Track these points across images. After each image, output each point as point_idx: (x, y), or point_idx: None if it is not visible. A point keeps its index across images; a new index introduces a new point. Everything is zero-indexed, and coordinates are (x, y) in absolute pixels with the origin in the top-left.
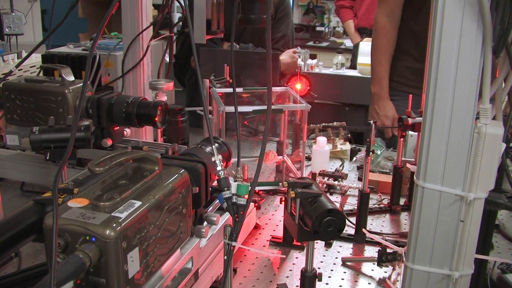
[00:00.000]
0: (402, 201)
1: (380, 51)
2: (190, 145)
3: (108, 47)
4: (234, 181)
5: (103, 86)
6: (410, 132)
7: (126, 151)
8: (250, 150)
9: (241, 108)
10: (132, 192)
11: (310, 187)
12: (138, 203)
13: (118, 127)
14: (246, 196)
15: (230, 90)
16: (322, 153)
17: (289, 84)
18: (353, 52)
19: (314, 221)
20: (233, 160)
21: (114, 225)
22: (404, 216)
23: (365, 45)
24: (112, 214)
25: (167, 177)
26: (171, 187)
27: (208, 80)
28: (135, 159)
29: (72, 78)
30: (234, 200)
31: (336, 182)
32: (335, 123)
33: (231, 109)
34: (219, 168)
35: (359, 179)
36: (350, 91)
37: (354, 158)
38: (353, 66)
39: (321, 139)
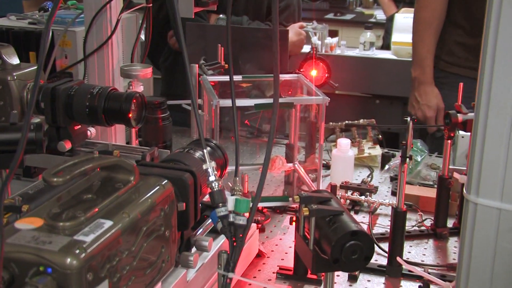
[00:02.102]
0: (450, 223)
1: (423, 26)
2: (174, 149)
3: (64, 21)
4: (232, 195)
5: (58, 72)
6: (461, 132)
7: (92, 156)
8: (251, 155)
9: (240, 102)
10: (100, 209)
11: (328, 203)
12: (108, 223)
13: (79, 126)
14: (247, 215)
15: (226, 78)
16: (345, 159)
17: (301, 70)
18: (386, 27)
19: (334, 246)
20: (230, 168)
21: (77, 251)
22: (453, 243)
23: (402, 18)
24: (75, 237)
25: (146, 190)
26: (151, 202)
27: (197, 65)
28: (103, 167)
29: (16, 60)
30: (231, 220)
31: (362, 198)
32: (361, 121)
33: (227, 102)
34: (212, 178)
35: (393, 193)
36: (382, 78)
37: (387, 166)
38: (386, 46)
39: (343, 142)
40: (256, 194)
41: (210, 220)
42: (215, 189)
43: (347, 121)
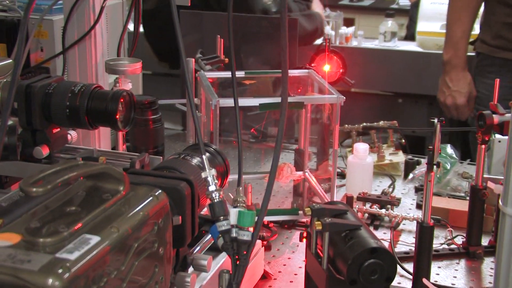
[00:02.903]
0: (485, 241)
1: (461, 3)
2: (166, 156)
3: (40, 8)
4: (234, 207)
5: (33, 67)
6: (497, 136)
7: (76, 163)
8: (255, 162)
9: (243, 101)
10: (85, 223)
11: (344, 217)
12: (95, 239)
13: (58, 129)
14: (251, 229)
15: (226, 74)
16: (362, 167)
17: (313, 65)
18: (411, 14)
19: (351, 265)
20: (232, 177)
21: (60, 271)
22: (488, 263)
23: (429, 4)
24: (57, 255)
25: (137, 202)
26: (143, 215)
27: (193, 59)
28: (89, 176)
29: None
30: (234, 235)
31: (383, 211)
32: (381, 123)
33: (228, 102)
34: (212, 188)
35: (418, 206)
36: (406, 74)
37: (411, 175)
38: (410, 36)
39: (361, 147)
40: (262, 207)
41: (210, 235)
42: (215, 200)
43: (365, 123)
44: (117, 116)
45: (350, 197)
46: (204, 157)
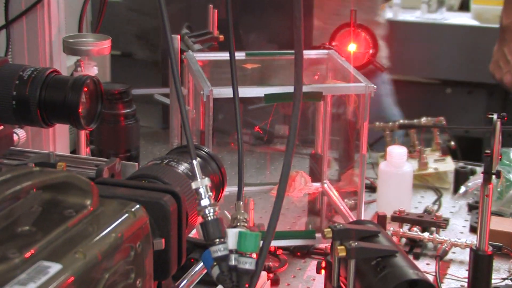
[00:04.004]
0: None
1: None
2: (143, 162)
3: None
4: (233, 228)
5: None
6: None
7: (30, 170)
8: (259, 170)
9: (244, 91)
10: (42, 247)
11: (374, 240)
12: (55, 268)
13: (1, 127)
14: (255, 256)
15: (221, 55)
16: (399, 177)
17: (334, 44)
18: None
19: None
20: (230, 189)
21: None
22: None
23: None
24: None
25: (108, 220)
26: (116, 238)
27: (178, 36)
28: (46, 187)
29: None
30: (233, 263)
31: (426, 235)
32: (424, 120)
33: (224, 92)
34: (204, 202)
35: (473, 229)
36: (457, 55)
37: (463, 189)
38: (463, 7)
39: (397, 152)
40: (268, 228)
41: (201, 264)
42: (209, 218)
43: (401, 120)
44: (80, 110)
45: (383, 217)
46: (195, 162)
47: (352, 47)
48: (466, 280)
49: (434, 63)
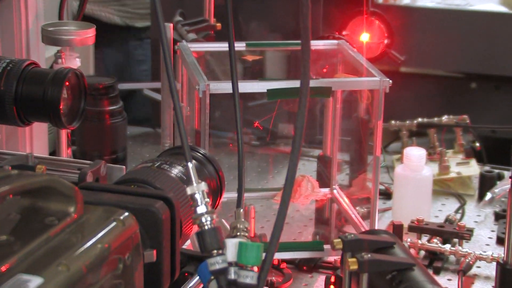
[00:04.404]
0: None
1: None
2: (131, 164)
3: None
4: (232, 238)
5: None
6: None
7: (7, 173)
8: (261, 174)
9: (244, 86)
10: (21, 259)
11: (389, 252)
12: (35, 282)
13: None
14: (257, 269)
15: (218, 46)
16: (417, 182)
17: (345, 33)
18: None
19: None
20: (228, 195)
21: None
22: None
23: None
24: None
25: (94, 229)
26: (102, 249)
27: (170, 24)
28: (25, 192)
29: None
30: (232, 276)
31: (447, 247)
32: (445, 118)
33: (222, 87)
34: (201, 209)
35: (500, 240)
36: (482, 46)
37: (489, 195)
38: None
39: (415, 154)
40: (271, 239)
41: (197, 278)
42: (206, 227)
43: (420, 119)
44: (61, 107)
45: (399, 226)
46: (190, 165)
47: (365, 37)
48: None
49: (457, 55)
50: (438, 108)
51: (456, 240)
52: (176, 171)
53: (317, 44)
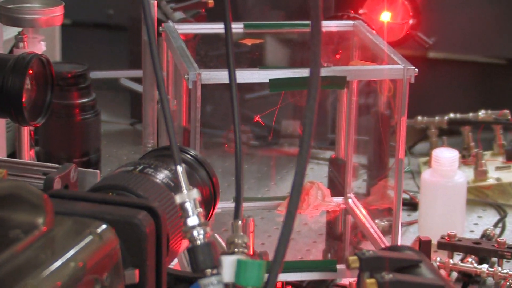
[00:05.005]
0: None
1: None
2: (106, 168)
3: None
4: (230, 255)
5: None
6: None
7: None
8: (262, 181)
9: (242, 75)
10: None
11: (415, 272)
12: None
13: None
14: None
15: (211, 27)
16: (448, 190)
17: (362, 12)
18: None
19: None
20: (224, 205)
21: None
22: None
23: None
24: None
25: (66, 244)
26: (76, 268)
27: (153, 1)
28: None
29: None
30: None
31: (484, 267)
32: (482, 114)
33: (215, 76)
34: (192, 221)
35: None
36: None
37: None
38: None
39: (445, 156)
40: (275, 257)
41: None
42: (198, 242)
43: (452, 114)
44: (23, 100)
45: (427, 242)
46: (179, 169)
47: (385, 17)
48: None
49: (498, 37)
50: (474, 102)
51: (495, 259)
52: (162, 176)
53: (329, 25)
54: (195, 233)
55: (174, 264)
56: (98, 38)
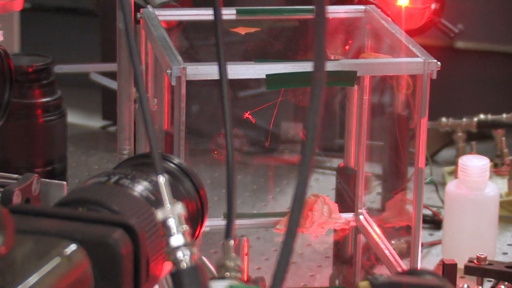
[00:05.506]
0: None
1: None
2: (73, 179)
3: None
4: (220, 279)
5: None
6: None
7: None
8: (258, 193)
9: (235, 70)
10: None
11: None
12: None
13: None
14: None
15: (197, 13)
16: (477, 205)
17: None
18: None
19: None
20: (212, 223)
21: None
22: None
23: None
24: None
25: (29, 268)
26: None
27: None
28: None
29: None
30: None
31: None
32: None
33: (203, 71)
34: (176, 241)
35: None
36: None
37: None
38: None
39: (474, 164)
40: (272, 284)
41: None
42: (184, 265)
43: (483, 115)
44: None
45: (452, 266)
46: (161, 179)
47: (403, 0)
48: None
49: None
50: (509, 100)
51: None
52: (140, 188)
53: (336, 11)
54: (179, 254)
55: None
56: (64, 26)
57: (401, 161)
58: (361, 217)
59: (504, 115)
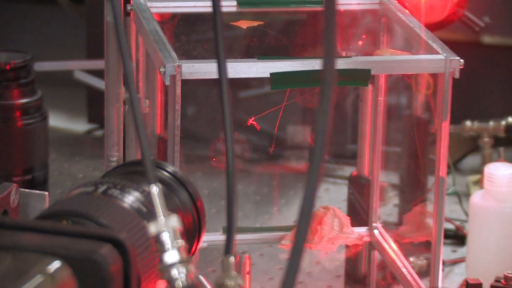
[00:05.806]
0: None
1: None
2: (55, 189)
3: None
4: None
5: None
6: None
7: None
8: (261, 206)
9: (235, 68)
10: None
11: None
12: None
13: None
14: None
15: (193, 5)
16: (505, 218)
17: None
18: None
19: None
20: (210, 238)
21: None
22: None
23: None
24: None
25: (10, 286)
26: None
27: None
28: None
29: None
30: None
31: None
32: None
33: (199, 69)
34: (170, 257)
35: None
36: None
37: None
38: None
39: (502, 173)
40: None
41: None
42: (178, 285)
43: (511, 118)
44: None
45: (477, 286)
46: (154, 189)
47: None
48: None
49: None
50: None
51: None
52: (131, 199)
53: (349, 3)
54: (174, 272)
55: None
56: (45, 18)
57: (421, 170)
58: (375, 231)
59: None
